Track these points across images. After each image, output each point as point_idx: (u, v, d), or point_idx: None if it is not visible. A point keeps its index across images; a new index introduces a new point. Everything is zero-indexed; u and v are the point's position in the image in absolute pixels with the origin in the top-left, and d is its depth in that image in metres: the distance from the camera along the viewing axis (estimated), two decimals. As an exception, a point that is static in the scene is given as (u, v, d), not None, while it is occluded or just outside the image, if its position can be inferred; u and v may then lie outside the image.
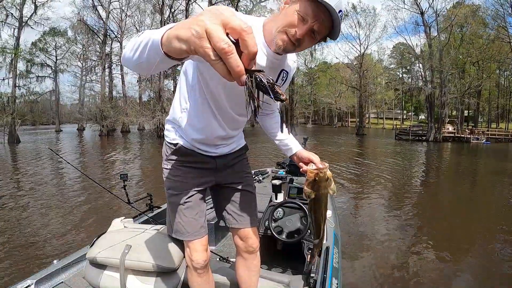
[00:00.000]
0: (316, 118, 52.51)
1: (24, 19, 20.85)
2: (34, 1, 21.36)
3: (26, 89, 24.87)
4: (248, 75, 0.43)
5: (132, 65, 0.64)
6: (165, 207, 1.65)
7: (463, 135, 21.03)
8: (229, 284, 1.42)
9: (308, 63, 40.89)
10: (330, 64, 42.25)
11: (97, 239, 1.44)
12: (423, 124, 27.90)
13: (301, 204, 1.86)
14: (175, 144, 1.10)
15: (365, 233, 3.97)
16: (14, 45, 20.34)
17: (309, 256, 1.65)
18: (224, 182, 1.20)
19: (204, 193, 1.17)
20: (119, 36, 28.61)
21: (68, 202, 5.32)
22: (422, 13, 21.50)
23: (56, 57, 30.21)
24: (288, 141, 1.16)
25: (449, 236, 3.93)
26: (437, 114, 21.49)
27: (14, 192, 6.18)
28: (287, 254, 2.00)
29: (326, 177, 0.91)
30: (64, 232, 3.91)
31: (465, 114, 31.91)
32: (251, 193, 1.25)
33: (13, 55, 20.17)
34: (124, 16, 28.18)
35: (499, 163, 11.19)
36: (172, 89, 22.02)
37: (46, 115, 44.67)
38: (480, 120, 34.97)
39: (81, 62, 31.24)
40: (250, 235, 1.22)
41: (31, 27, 21.82)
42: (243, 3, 22.23)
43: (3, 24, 19.96)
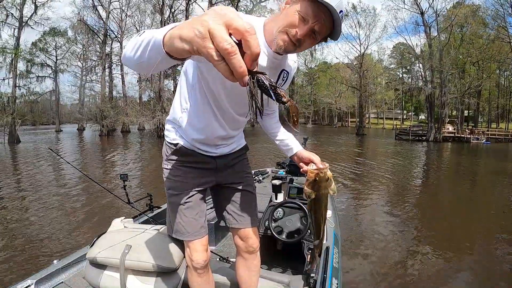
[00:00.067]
0: (316, 118, 52.45)
1: (24, 19, 20.87)
2: (34, 1, 21.38)
3: (26, 89, 24.94)
4: (250, 76, 0.43)
5: (133, 65, 0.64)
6: (165, 207, 1.65)
7: (463, 135, 21.02)
8: (229, 284, 1.42)
9: (308, 63, 41.01)
10: (330, 64, 42.29)
11: (97, 239, 1.44)
12: (423, 124, 27.91)
13: (301, 204, 1.86)
14: (176, 144, 1.10)
15: (365, 233, 3.97)
16: (14, 45, 20.37)
17: (309, 256, 1.65)
18: (225, 182, 1.20)
19: (205, 193, 1.17)
20: (119, 36, 28.62)
21: (68, 202, 5.32)
22: (422, 13, 21.50)
23: (56, 57, 30.22)
24: (289, 141, 1.17)
25: (449, 236, 3.93)
26: (437, 114, 21.48)
27: (14, 192, 6.18)
28: (287, 254, 2.00)
29: (327, 177, 0.91)
30: (64, 232, 3.91)
31: (465, 114, 31.90)
32: (252, 193, 1.25)
33: (13, 55, 20.19)
34: (124, 16, 28.22)
35: (499, 163, 11.19)
36: (172, 89, 22.03)
37: (46, 115, 44.65)
38: (480, 120, 34.98)
39: (81, 62, 31.29)
40: (250, 235, 1.22)
41: (31, 27, 21.88)
42: (243, 3, 22.28)
43: (3, 24, 20.00)
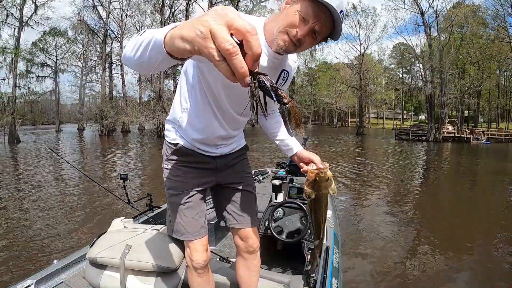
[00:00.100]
0: (316, 118, 52.47)
1: (25, 19, 20.87)
2: (34, 1, 21.37)
3: (26, 89, 24.88)
4: (252, 77, 0.43)
5: (133, 64, 0.64)
6: (165, 207, 1.65)
7: (463, 135, 21.02)
8: (229, 284, 1.42)
9: (308, 63, 40.99)
10: (330, 64, 42.30)
11: (97, 239, 1.44)
12: (423, 124, 27.91)
13: (301, 204, 1.86)
14: (176, 144, 1.10)
15: (365, 233, 3.97)
16: (15, 45, 20.37)
17: (309, 256, 1.65)
18: (225, 182, 1.20)
19: (205, 193, 1.17)
20: (119, 36, 28.62)
21: (68, 202, 5.32)
22: (422, 13, 21.50)
23: (56, 57, 30.22)
24: (289, 141, 1.17)
25: (449, 236, 3.93)
26: (437, 114, 21.48)
27: (15, 192, 6.18)
28: (287, 254, 2.00)
29: (327, 177, 0.91)
30: (64, 232, 3.91)
31: (465, 114, 31.89)
32: (252, 193, 1.25)
33: (14, 55, 20.20)
34: (124, 16, 28.21)
35: (499, 163, 11.18)
36: (173, 89, 22.03)
37: (46, 115, 44.65)
38: (480, 120, 34.98)
39: (81, 62, 31.29)
40: (251, 235, 1.22)
41: (31, 27, 21.88)
42: (243, 3, 22.28)
43: (4, 24, 20.01)
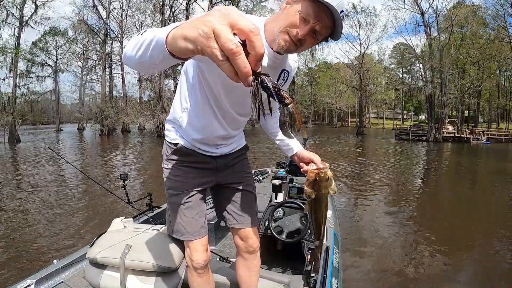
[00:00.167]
0: (316, 118, 52.45)
1: (25, 19, 20.88)
2: (35, 1, 21.38)
3: (27, 89, 24.85)
4: (254, 77, 0.43)
5: (134, 64, 0.64)
6: (165, 207, 1.65)
7: (463, 135, 21.02)
8: (229, 284, 1.42)
9: (309, 63, 40.93)
10: (331, 64, 42.28)
11: (97, 239, 1.44)
12: (423, 124, 27.91)
13: (301, 204, 1.85)
14: (176, 144, 1.09)
15: (365, 233, 3.97)
16: (15, 45, 20.39)
17: (309, 256, 1.65)
18: (225, 182, 1.20)
19: (205, 193, 1.17)
20: (120, 36, 28.64)
21: (68, 202, 5.32)
22: (423, 13, 21.50)
23: (57, 57, 30.17)
24: (289, 141, 1.16)
25: (449, 236, 3.93)
26: (437, 114, 21.48)
27: (15, 192, 6.18)
28: (287, 254, 2.00)
29: (327, 177, 0.90)
30: (64, 232, 3.91)
31: (465, 114, 31.86)
32: (252, 193, 1.25)
33: (14, 55, 20.21)
34: (125, 16, 28.25)
35: (499, 163, 11.18)
36: (173, 89, 22.02)
37: (47, 115, 44.61)
38: (480, 120, 34.96)
39: (82, 62, 31.30)
40: (251, 235, 1.22)
41: (32, 27, 21.93)
42: (244, 3, 22.25)
43: (4, 24, 20.02)
